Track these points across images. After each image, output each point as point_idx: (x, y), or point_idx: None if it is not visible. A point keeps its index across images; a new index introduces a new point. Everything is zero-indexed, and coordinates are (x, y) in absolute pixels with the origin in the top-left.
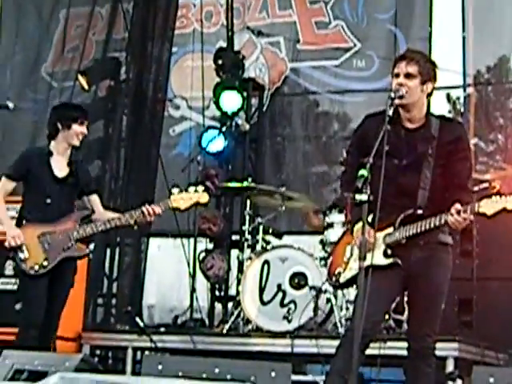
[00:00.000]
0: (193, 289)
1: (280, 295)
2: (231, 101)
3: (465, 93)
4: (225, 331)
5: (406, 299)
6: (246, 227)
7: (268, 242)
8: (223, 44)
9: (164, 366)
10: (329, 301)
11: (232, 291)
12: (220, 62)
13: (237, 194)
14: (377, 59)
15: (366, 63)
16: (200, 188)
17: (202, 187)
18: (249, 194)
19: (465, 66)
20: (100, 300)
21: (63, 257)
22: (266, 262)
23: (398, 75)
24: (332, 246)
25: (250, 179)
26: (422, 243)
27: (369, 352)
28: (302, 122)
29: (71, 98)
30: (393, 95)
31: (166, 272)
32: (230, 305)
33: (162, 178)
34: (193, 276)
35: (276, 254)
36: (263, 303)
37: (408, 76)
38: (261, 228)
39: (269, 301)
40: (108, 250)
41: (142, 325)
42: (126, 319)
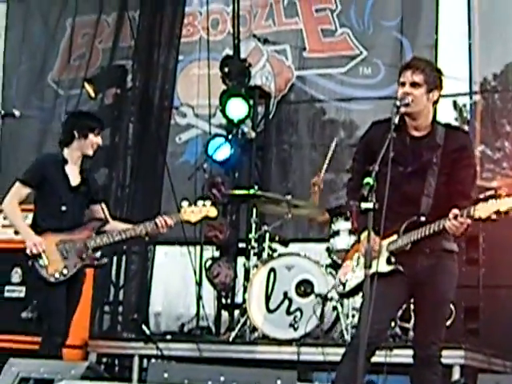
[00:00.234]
0: (199, 296)
1: (286, 303)
2: (237, 108)
3: (471, 100)
4: (231, 339)
5: (412, 307)
6: (252, 235)
7: (274, 250)
8: (229, 52)
9: (170, 373)
10: (335, 308)
11: (238, 299)
12: (226, 69)
13: (243, 201)
14: (383, 67)
15: (372, 71)
16: (208, 202)
17: (210, 201)
18: (255, 201)
19: (471, 73)
20: (107, 308)
21: (81, 265)
22: (272, 270)
23: (403, 84)
24: (338, 253)
25: (256, 187)
26: (427, 251)
27: (375, 359)
28: (308, 130)
29: (77, 106)
30: (398, 103)
31: (172, 280)
32: (237, 312)
33: (168, 186)
34: (199, 284)
35: (282, 262)
36: (269, 311)
37: (414, 85)
38: (267, 236)
39: (275, 308)
40: (115, 258)
41: (148, 332)
42: (133, 327)
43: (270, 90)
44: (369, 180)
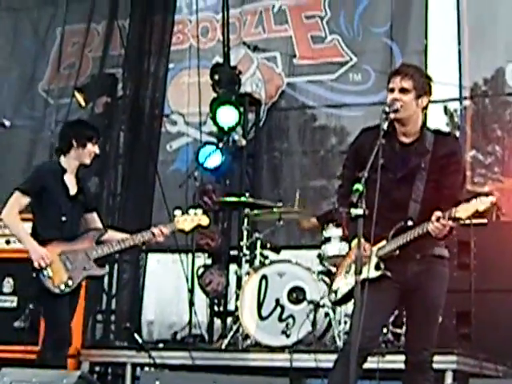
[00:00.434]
0: (191, 304)
1: (278, 310)
2: (228, 116)
3: (461, 105)
4: (224, 346)
5: (404, 313)
6: (243, 242)
7: (266, 257)
8: (219, 59)
9: (162, 381)
10: (327, 315)
11: (231, 306)
12: (216, 77)
13: (234, 209)
14: (373, 73)
15: (362, 77)
16: (199, 211)
17: (201, 210)
18: (246, 209)
19: (461, 78)
20: (99, 316)
21: (85, 276)
22: (264, 277)
23: (392, 90)
24: (330, 260)
25: (247, 194)
26: (417, 257)
27: (367, 366)
28: (299, 137)
29: (68, 115)
30: (387, 109)
31: (164, 288)
32: (229, 320)
33: (159, 194)
34: (191, 291)
35: (274, 269)
36: (262, 318)
37: (403, 91)
38: (259, 243)
39: (267, 316)
40: (107, 266)
41: (140, 341)
42: (125, 335)
43: (261, 97)
44: (358, 186)
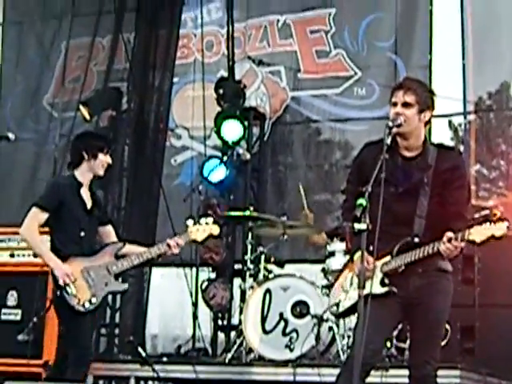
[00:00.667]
0: (195, 318)
1: (282, 324)
2: (232, 130)
3: (466, 120)
4: (227, 360)
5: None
6: (248, 256)
7: (270, 271)
8: (224, 73)
9: None
10: (331, 329)
11: (235, 320)
12: (221, 91)
13: (239, 223)
14: (377, 87)
15: (366, 91)
16: (210, 220)
17: (212, 219)
18: (251, 223)
19: (465, 92)
20: (103, 330)
21: (106, 292)
22: (268, 291)
23: (395, 104)
24: (334, 274)
25: (251, 208)
26: (420, 271)
27: (371, 380)
28: (303, 151)
29: (72, 129)
30: (390, 124)
31: (168, 301)
32: (233, 334)
33: (163, 207)
34: (195, 305)
35: (278, 283)
36: (265, 332)
37: (405, 105)
38: (263, 257)
39: (271, 330)
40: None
41: (144, 354)
42: (129, 349)
43: (265, 111)
44: (362, 201)
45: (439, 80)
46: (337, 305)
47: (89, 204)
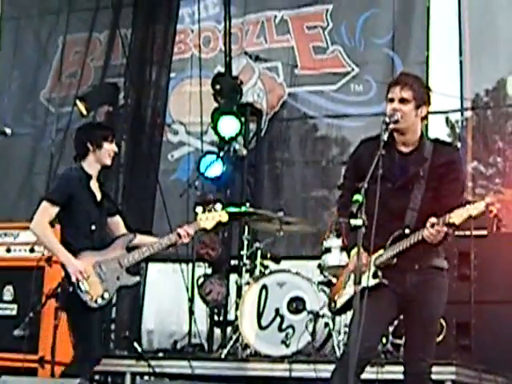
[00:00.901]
0: (191, 313)
1: (278, 320)
2: (229, 126)
3: (463, 116)
4: (223, 356)
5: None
6: (244, 252)
7: (266, 267)
8: (221, 69)
9: None
10: (327, 325)
11: (231, 316)
12: (218, 87)
13: (235, 219)
14: (374, 84)
15: (363, 88)
16: (218, 206)
17: (220, 205)
18: (247, 219)
19: (462, 89)
20: None
21: (118, 286)
22: (264, 287)
23: (392, 100)
24: (330, 270)
25: (248, 204)
26: (416, 267)
27: (366, 376)
28: (300, 147)
29: (69, 124)
30: (387, 120)
31: (164, 297)
32: (229, 329)
33: (160, 203)
34: (191, 301)
35: (274, 279)
36: (261, 328)
37: (402, 101)
38: (259, 253)
39: (267, 325)
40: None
41: (140, 350)
42: (125, 344)
43: (262, 107)
44: (358, 197)
45: (436, 77)
46: (334, 301)
47: (98, 196)
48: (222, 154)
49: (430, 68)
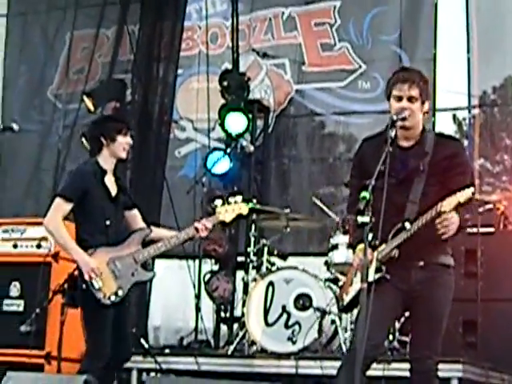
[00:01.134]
0: (198, 310)
1: (285, 316)
2: (236, 122)
3: (470, 114)
4: (230, 352)
5: None
6: (251, 249)
7: (273, 264)
8: (228, 66)
9: None
10: (333, 322)
11: (237, 312)
12: (225, 83)
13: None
14: (382, 81)
15: (371, 85)
16: (239, 198)
17: (240, 197)
18: (254, 215)
19: (470, 86)
20: None
21: (133, 282)
22: (271, 284)
23: (400, 98)
24: (337, 267)
25: (255, 201)
26: (421, 264)
27: (373, 373)
28: (307, 144)
29: (76, 120)
30: (395, 117)
31: (171, 293)
32: (236, 326)
33: (167, 199)
34: (198, 297)
35: (281, 276)
36: (268, 324)
37: (410, 99)
38: (266, 249)
39: (273, 322)
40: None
41: (146, 346)
42: (132, 341)
43: (269, 103)
44: (365, 194)
45: (444, 74)
46: (341, 299)
47: (113, 191)
48: (229, 150)
49: (437, 65)
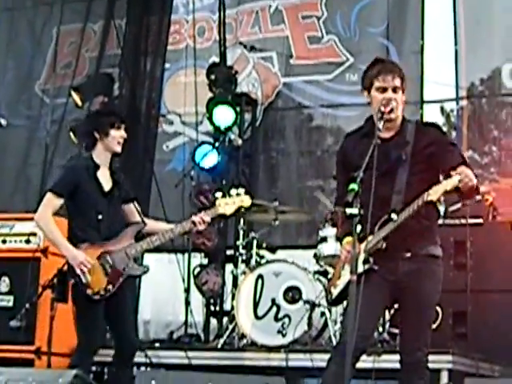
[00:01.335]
0: (187, 304)
1: (274, 309)
2: (224, 116)
3: (458, 105)
4: (220, 346)
5: None
6: (240, 242)
7: (262, 257)
8: (216, 59)
9: (158, 381)
10: (323, 314)
11: (227, 306)
12: (213, 77)
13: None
14: None
15: (358, 77)
16: (241, 190)
17: (243, 189)
18: (242, 208)
19: (457, 78)
20: None
21: (124, 277)
22: (260, 277)
23: (385, 89)
24: (326, 259)
25: None
26: (408, 255)
27: (363, 365)
28: (295, 137)
29: (64, 115)
30: (382, 109)
31: (161, 287)
32: (225, 319)
33: (155, 193)
34: (187, 291)
35: (270, 269)
36: (257, 318)
37: (395, 89)
38: (255, 242)
39: (263, 315)
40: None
41: None
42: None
43: (257, 97)
44: (353, 186)
45: (431, 66)
46: (330, 292)
47: (107, 186)
48: (217, 144)
49: (424, 57)
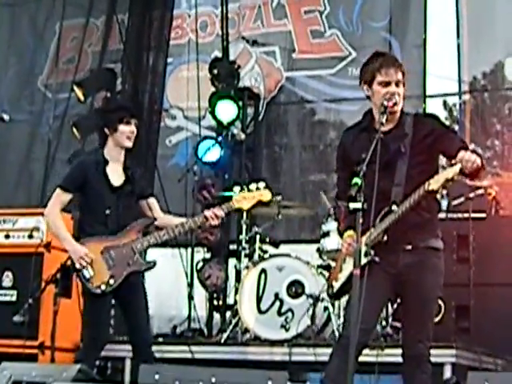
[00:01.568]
0: (191, 298)
1: (277, 304)
2: (227, 110)
3: (460, 100)
4: (223, 340)
5: None
6: (243, 236)
7: (265, 251)
8: (218, 54)
9: (161, 375)
10: (326, 309)
11: (230, 300)
12: (215, 71)
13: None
14: None
15: None
16: (261, 184)
17: (263, 183)
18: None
19: (460, 72)
20: None
21: (128, 272)
22: (263, 271)
23: (389, 83)
24: (329, 254)
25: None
26: (409, 248)
27: (366, 359)
28: (298, 131)
29: (67, 110)
30: (386, 103)
31: (164, 282)
32: (228, 314)
33: (158, 188)
34: (191, 286)
35: (273, 263)
36: (261, 312)
37: (397, 83)
38: (258, 237)
39: (266, 310)
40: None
41: None
42: (125, 329)
43: (260, 91)
44: (357, 180)
45: (434, 60)
46: (331, 286)
47: (117, 181)
48: (219, 138)
49: (427, 51)
